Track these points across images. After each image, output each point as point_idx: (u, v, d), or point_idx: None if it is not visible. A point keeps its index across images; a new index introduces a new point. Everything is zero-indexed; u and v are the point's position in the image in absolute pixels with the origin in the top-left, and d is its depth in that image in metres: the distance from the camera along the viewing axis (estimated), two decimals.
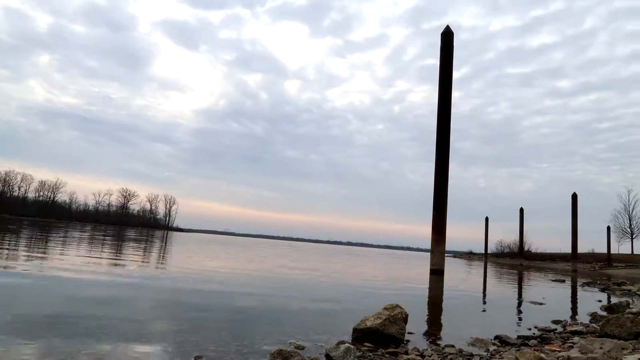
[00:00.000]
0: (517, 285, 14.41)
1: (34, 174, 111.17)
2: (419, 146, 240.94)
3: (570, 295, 12.21)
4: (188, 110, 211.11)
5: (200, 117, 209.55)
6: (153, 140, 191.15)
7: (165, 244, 25.60)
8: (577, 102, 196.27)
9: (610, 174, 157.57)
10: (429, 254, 16.58)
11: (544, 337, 4.54)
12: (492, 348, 3.95)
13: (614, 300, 10.01)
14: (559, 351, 3.70)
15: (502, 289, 12.85)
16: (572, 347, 3.91)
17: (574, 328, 5.22)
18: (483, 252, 64.14)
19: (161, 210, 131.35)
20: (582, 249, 43.70)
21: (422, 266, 23.94)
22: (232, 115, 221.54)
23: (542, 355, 3.22)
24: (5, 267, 7.22)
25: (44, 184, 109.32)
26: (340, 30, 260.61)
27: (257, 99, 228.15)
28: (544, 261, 51.42)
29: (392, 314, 4.05)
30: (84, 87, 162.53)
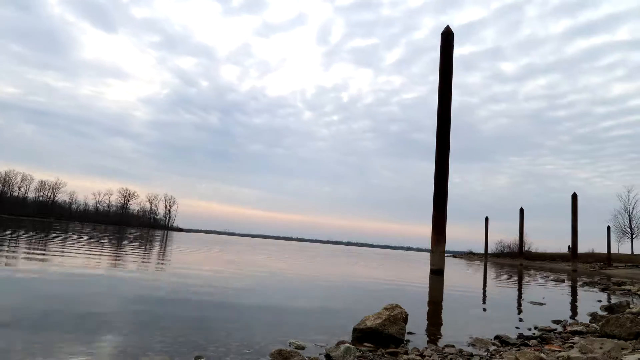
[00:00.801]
0: (517, 285, 14.42)
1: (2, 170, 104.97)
2: (379, 138, 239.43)
3: (570, 295, 12.20)
4: (135, 101, 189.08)
5: (150, 107, 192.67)
6: (114, 135, 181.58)
7: (165, 244, 25.59)
8: (527, 88, 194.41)
9: (582, 167, 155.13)
10: (429, 254, 16.58)
11: (544, 337, 4.54)
12: (492, 348, 3.95)
13: (614, 300, 10.01)
14: (559, 351, 3.70)
15: (502, 289, 12.85)
16: (572, 347, 3.91)
17: (574, 328, 5.22)
18: (482, 252, 64.18)
19: (161, 210, 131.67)
20: (582, 248, 43.73)
21: (421, 266, 23.94)
22: (180, 105, 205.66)
23: (542, 355, 3.22)
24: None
25: (44, 184, 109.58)
26: (254, 7, 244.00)
27: (198, 87, 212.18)
28: (544, 261, 51.45)
29: (392, 314, 4.05)
30: (19, 74, 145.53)
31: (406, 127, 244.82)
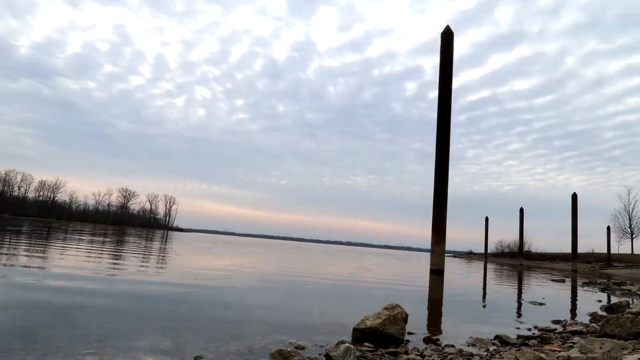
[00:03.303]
0: (517, 285, 14.41)
1: None
2: (238, 112, 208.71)
3: (570, 295, 12.20)
4: None
5: None
6: None
7: (165, 244, 25.59)
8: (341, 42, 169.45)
9: (485, 148, 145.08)
10: (429, 253, 16.58)
11: (544, 337, 4.54)
12: (492, 348, 3.95)
13: (614, 300, 10.01)
14: (559, 351, 3.70)
15: (502, 288, 12.84)
16: (572, 347, 3.91)
17: (574, 328, 5.22)
18: (482, 252, 64.24)
19: (161, 210, 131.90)
20: (582, 248, 43.76)
21: (421, 266, 23.94)
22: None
23: (542, 355, 3.22)
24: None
25: (44, 183, 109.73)
26: None
27: None
28: (544, 261, 51.50)
29: (392, 313, 4.05)
30: None
31: (255, 97, 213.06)
